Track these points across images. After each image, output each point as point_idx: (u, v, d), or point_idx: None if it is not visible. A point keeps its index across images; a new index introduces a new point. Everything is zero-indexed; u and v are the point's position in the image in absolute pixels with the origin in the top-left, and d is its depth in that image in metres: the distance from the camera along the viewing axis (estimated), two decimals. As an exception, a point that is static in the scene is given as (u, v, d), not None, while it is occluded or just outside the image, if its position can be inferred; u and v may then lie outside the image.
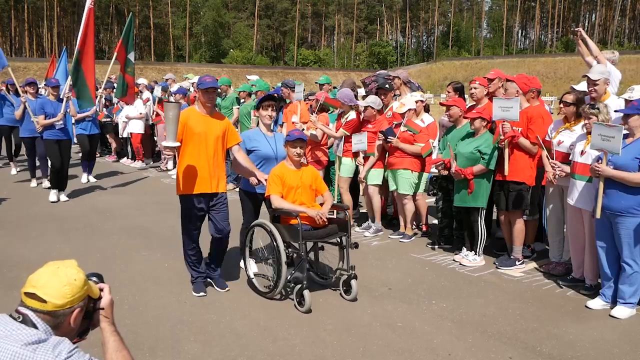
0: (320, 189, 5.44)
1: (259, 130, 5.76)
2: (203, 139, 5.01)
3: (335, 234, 5.22)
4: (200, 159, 5.01)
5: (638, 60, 54.97)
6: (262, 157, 5.61)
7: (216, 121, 5.14)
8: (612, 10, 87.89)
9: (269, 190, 5.18)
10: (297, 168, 5.33)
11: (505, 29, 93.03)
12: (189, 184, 5.02)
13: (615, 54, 6.75)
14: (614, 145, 4.58)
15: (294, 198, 5.23)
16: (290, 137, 5.25)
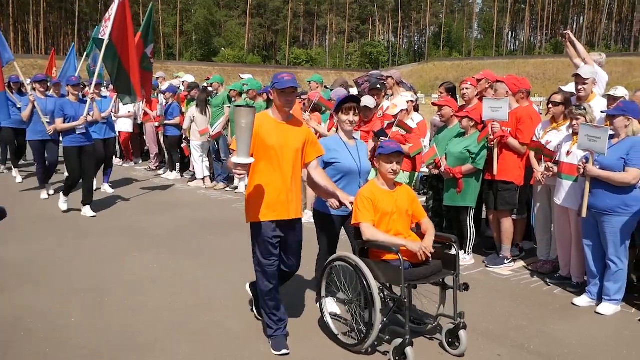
0: (418, 215, 4.33)
1: (338, 138, 4.66)
2: (279, 152, 3.97)
3: (440, 273, 4.14)
4: (274, 178, 3.99)
5: (624, 63, 55.47)
6: (343, 172, 4.55)
7: (295, 130, 4.08)
8: (600, 13, 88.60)
9: (358, 217, 4.11)
10: (392, 189, 4.24)
11: (496, 31, 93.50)
12: (263, 209, 4.01)
13: (603, 56, 6.87)
14: (600, 146, 4.68)
15: (388, 227, 4.15)
16: (385, 149, 4.13)
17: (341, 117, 4.57)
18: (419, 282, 4.08)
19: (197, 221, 8.11)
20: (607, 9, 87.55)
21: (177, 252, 6.58)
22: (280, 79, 3.97)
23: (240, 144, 3.61)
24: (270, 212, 4.01)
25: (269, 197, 4.00)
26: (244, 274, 5.80)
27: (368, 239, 4.05)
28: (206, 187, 10.83)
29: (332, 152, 4.54)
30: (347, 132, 4.61)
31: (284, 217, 4.06)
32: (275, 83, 3.99)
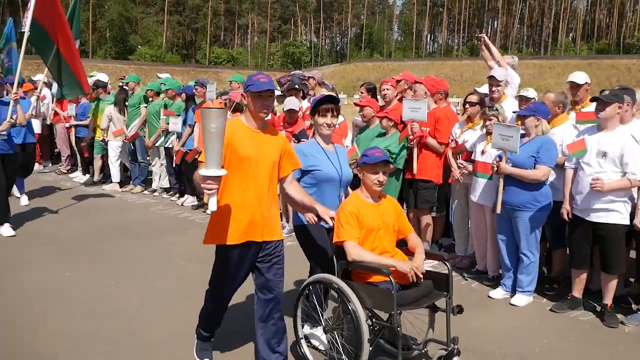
0: (405, 230, 3.92)
1: (315, 144, 4.12)
2: (254, 165, 3.44)
3: (432, 295, 3.72)
4: (248, 194, 3.44)
5: (535, 66, 58.59)
6: (323, 180, 4.04)
7: (271, 139, 3.56)
8: (513, 18, 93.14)
9: (341, 235, 3.64)
10: (377, 202, 3.83)
11: (415, 33, 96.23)
12: (233, 231, 3.44)
13: (515, 59, 7.18)
14: (512, 144, 4.88)
15: (374, 244, 3.73)
16: (370, 158, 3.70)
17: (318, 120, 4.04)
18: (411, 307, 3.58)
19: (111, 226, 7.80)
20: (519, 14, 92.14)
21: (90, 258, 6.30)
22: (256, 81, 3.44)
23: (210, 152, 2.97)
24: (240, 234, 3.45)
25: (241, 216, 3.44)
26: (160, 279, 5.66)
27: (354, 260, 3.59)
28: (122, 190, 10.46)
29: (310, 158, 4.01)
30: (325, 136, 4.07)
31: (257, 238, 3.50)
32: (249, 85, 3.46)
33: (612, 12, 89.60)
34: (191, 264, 6.18)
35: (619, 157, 4.60)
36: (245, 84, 3.53)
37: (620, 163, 4.61)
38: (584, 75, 5.75)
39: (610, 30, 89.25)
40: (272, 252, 3.60)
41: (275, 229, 3.61)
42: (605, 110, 4.69)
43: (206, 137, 2.97)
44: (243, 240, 3.46)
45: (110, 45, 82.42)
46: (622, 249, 4.85)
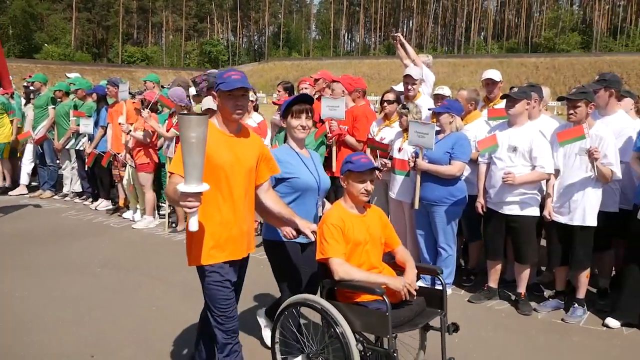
0: (392, 242, 3.61)
1: (288, 148, 3.73)
2: (230, 173, 3.07)
3: (425, 313, 3.42)
4: (224, 207, 3.09)
5: (449, 64, 60.74)
6: (300, 189, 3.64)
7: (247, 144, 3.20)
8: (427, 17, 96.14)
9: (326, 251, 3.28)
10: (362, 213, 3.48)
11: (333, 32, 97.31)
12: (211, 249, 3.10)
13: (430, 58, 7.36)
14: (428, 141, 4.99)
15: (361, 259, 3.39)
16: (356, 165, 3.35)
17: (291, 123, 3.63)
18: (406, 329, 3.26)
19: (20, 233, 7.34)
20: (433, 14, 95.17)
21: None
22: (226, 78, 3.05)
23: (190, 166, 2.61)
24: (218, 252, 3.11)
25: (219, 232, 3.09)
26: (74, 286, 5.40)
27: (341, 278, 3.23)
28: (30, 195, 9.87)
29: (286, 165, 3.60)
30: (299, 140, 3.70)
31: (238, 256, 3.18)
32: (220, 84, 3.07)
33: (521, 13, 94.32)
34: (107, 270, 5.95)
35: (529, 151, 4.80)
36: (215, 83, 3.17)
37: (530, 157, 4.81)
38: (499, 73, 5.98)
39: (519, 29, 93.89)
40: (242, 270, 3.35)
41: (251, 243, 3.31)
42: (515, 106, 4.89)
43: (185, 149, 2.59)
44: (224, 259, 3.13)
45: (14, 43, 77.79)
46: (533, 239, 5.07)
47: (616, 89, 5.09)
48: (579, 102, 4.64)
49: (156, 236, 7.45)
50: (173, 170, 2.96)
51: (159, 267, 6.09)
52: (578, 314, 4.87)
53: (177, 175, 2.91)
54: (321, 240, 3.33)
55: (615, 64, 54.50)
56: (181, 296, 5.22)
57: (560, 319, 4.86)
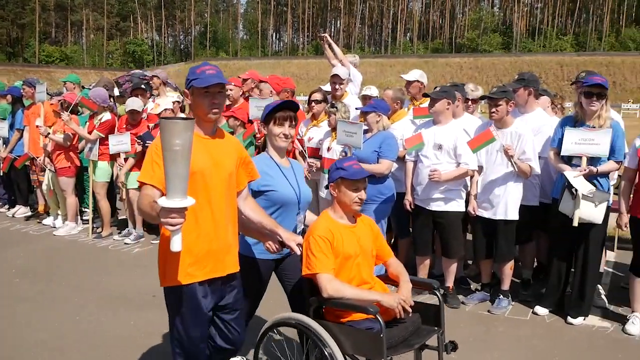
0: (384, 254, 3.39)
1: (267, 158, 3.41)
2: (208, 180, 2.75)
3: (421, 332, 3.18)
4: (202, 218, 2.75)
5: (377, 64, 61.83)
6: (278, 203, 3.34)
7: (225, 146, 2.90)
8: (354, 18, 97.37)
9: (314, 266, 3.03)
10: (352, 223, 3.25)
11: (261, 32, 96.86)
12: (188, 266, 2.74)
13: (357, 58, 7.47)
14: (356, 140, 5.03)
15: (351, 274, 3.14)
16: (349, 172, 3.13)
17: (273, 130, 3.33)
18: (401, 351, 2.98)
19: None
20: (360, 14, 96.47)
21: None
22: (200, 74, 2.75)
23: (173, 177, 2.28)
24: (198, 269, 2.76)
25: (197, 247, 2.73)
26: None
27: (330, 296, 2.98)
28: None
29: (263, 177, 3.27)
30: (281, 149, 3.40)
31: (220, 272, 2.84)
32: (193, 80, 2.76)
33: (445, 14, 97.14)
34: (26, 280, 5.67)
35: (453, 149, 4.93)
36: (187, 79, 2.81)
37: (455, 154, 4.94)
38: (416, 72, 6.11)
39: (443, 30, 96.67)
40: (231, 289, 2.94)
41: (234, 259, 2.95)
42: (435, 105, 5.02)
43: (168, 157, 2.26)
44: (204, 277, 2.78)
45: None
46: (459, 234, 5.20)
47: (534, 87, 5.31)
48: (500, 100, 4.81)
49: (79, 243, 7.16)
50: (145, 180, 2.60)
51: (83, 276, 5.85)
52: (503, 304, 5.04)
53: (149, 186, 2.58)
54: (308, 254, 3.06)
55: (534, 64, 57.15)
56: (107, 305, 5.04)
57: (486, 311, 5.02)
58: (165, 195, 2.32)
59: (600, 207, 4.50)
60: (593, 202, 4.47)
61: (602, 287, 5.38)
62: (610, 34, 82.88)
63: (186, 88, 2.84)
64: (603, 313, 5.01)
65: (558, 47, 78.50)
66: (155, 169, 2.60)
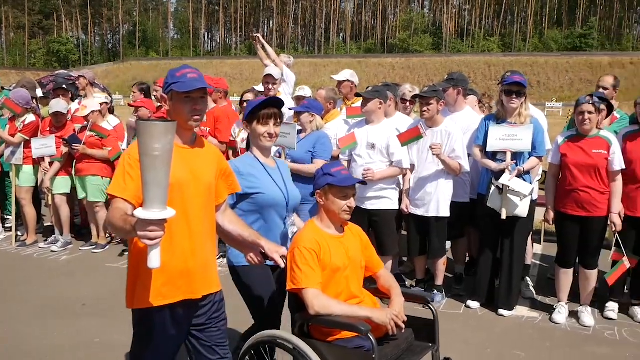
0: (373, 266, 3.23)
1: (252, 158, 3.24)
2: (186, 193, 2.52)
3: (414, 349, 3.04)
4: (177, 234, 2.49)
5: (310, 64, 62.04)
6: (266, 206, 3.16)
7: (204, 156, 2.67)
8: (287, 18, 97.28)
9: (299, 281, 2.85)
10: (340, 233, 3.08)
11: (192, 31, 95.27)
12: (160, 287, 2.48)
13: (291, 59, 7.47)
14: (290, 141, 5.00)
15: (339, 288, 2.97)
16: (338, 178, 2.95)
17: (257, 129, 3.16)
18: None
19: None
20: (293, 14, 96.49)
21: None
22: (181, 77, 2.52)
23: (152, 185, 2.06)
24: (171, 290, 2.50)
25: (172, 265, 2.46)
26: None
27: (317, 313, 2.78)
28: None
29: (249, 179, 3.12)
30: (266, 149, 3.24)
31: (196, 294, 2.57)
32: (172, 84, 2.53)
33: (377, 15, 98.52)
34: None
35: (386, 148, 5.00)
36: (165, 82, 2.58)
37: (387, 153, 5.01)
38: (346, 72, 6.18)
39: (375, 31, 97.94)
40: (211, 308, 2.67)
41: (215, 278, 2.69)
42: (368, 105, 5.08)
43: (147, 163, 2.05)
44: (177, 298, 2.52)
45: None
46: (394, 232, 5.28)
47: (463, 87, 5.46)
48: (431, 99, 4.92)
49: (2, 252, 6.80)
50: (116, 192, 2.37)
51: (7, 285, 5.57)
52: (438, 299, 5.16)
53: (120, 199, 2.35)
54: (293, 267, 2.87)
55: (463, 64, 58.85)
56: (35, 315, 4.81)
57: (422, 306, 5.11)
58: (142, 206, 2.07)
59: (525, 201, 4.69)
60: (519, 197, 4.65)
61: (530, 279, 5.61)
62: (534, 36, 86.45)
63: (164, 92, 2.60)
64: (532, 304, 5.21)
65: (485, 47, 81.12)
66: (127, 181, 2.38)
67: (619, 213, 4.63)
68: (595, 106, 4.56)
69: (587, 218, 4.64)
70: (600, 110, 4.63)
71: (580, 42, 75.34)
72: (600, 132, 4.66)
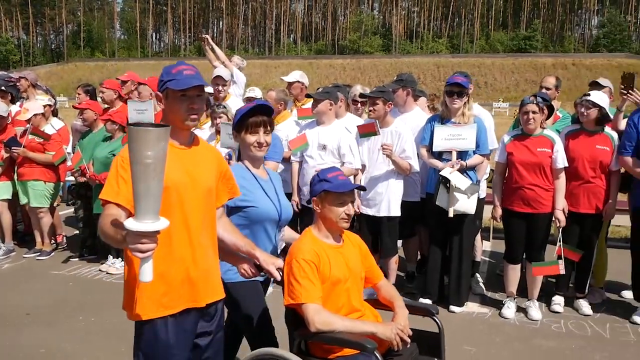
0: (374, 276, 3.06)
1: (244, 169, 3.03)
2: (184, 198, 2.38)
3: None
4: (177, 242, 2.37)
5: (262, 65, 61.80)
6: (257, 220, 2.98)
7: (203, 158, 2.53)
8: (237, 19, 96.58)
9: (298, 296, 2.68)
10: (338, 242, 2.91)
11: (140, 31, 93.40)
12: (160, 297, 2.35)
13: (244, 61, 7.45)
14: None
15: (340, 302, 2.81)
16: (333, 184, 2.79)
17: (246, 139, 2.95)
18: None
19: None
20: (243, 15, 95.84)
21: None
22: (177, 74, 2.37)
23: (144, 194, 1.90)
24: (173, 299, 2.37)
25: (172, 273, 2.35)
26: None
27: (319, 330, 2.61)
28: None
29: (241, 191, 2.86)
30: (257, 160, 3.04)
31: (199, 302, 2.44)
32: (168, 81, 2.37)
33: (327, 16, 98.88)
34: None
35: (337, 148, 5.02)
36: (160, 80, 2.43)
37: (339, 154, 5.03)
38: (296, 73, 6.18)
39: (326, 32, 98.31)
40: (215, 316, 2.55)
41: (218, 285, 2.56)
42: (318, 106, 5.09)
43: (138, 172, 1.89)
44: (179, 308, 2.39)
45: None
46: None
47: (412, 88, 5.53)
48: (377, 99, 4.96)
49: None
50: (108, 197, 2.24)
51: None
52: (390, 299, 5.19)
53: (113, 205, 2.22)
54: (291, 281, 2.69)
55: (413, 65, 59.76)
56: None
57: (374, 306, 5.15)
58: (134, 216, 1.92)
59: (472, 198, 4.78)
60: (466, 194, 4.74)
61: (480, 275, 5.72)
62: (481, 37, 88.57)
63: (159, 90, 2.44)
64: (482, 300, 5.32)
65: (434, 49, 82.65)
66: (120, 185, 2.25)
67: (562, 209, 4.78)
68: (539, 106, 4.69)
69: (532, 215, 4.77)
70: (543, 110, 4.76)
71: (524, 43, 77.76)
72: (544, 132, 4.80)
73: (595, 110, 4.80)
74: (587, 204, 4.87)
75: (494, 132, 5.43)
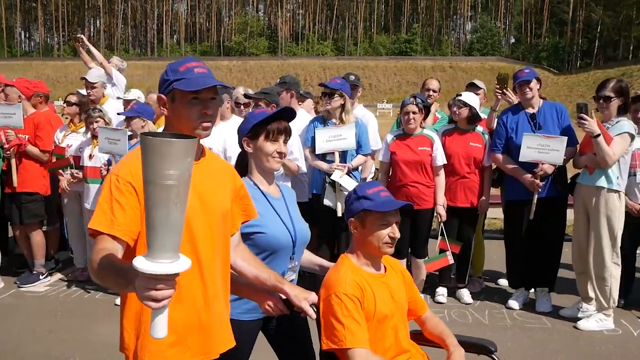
0: (418, 307, 2.60)
1: (252, 185, 2.51)
2: (194, 225, 1.91)
3: None
4: (187, 279, 1.88)
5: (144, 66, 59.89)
6: (269, 249, 2.46)
7: (215, 173, 2.08)
8: (116, 18, 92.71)
9: (342, 339, 2.22)
10: (381, 270, 2.47)
11: (7, 29, 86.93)
12: (174, 347, 1.91)
13: (124, 63, 7.20)
14: (120, 148, 4.80)
15: (386, 342, 2.38)
16: (376, 202, 2.36)
17: (264, 147, 2.47)
18: None
19: None
20: (122, 14, 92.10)
21: None
22: (186, 72, 1.93)
23: (162, 226, 1.45)
24: (180, 351, 1.92)
25: (180, 318, 1.90)
26: None
27: None
28: None
29: None
30: (270, 174, 2.57)
31: (212, 353, 2.00)
32: (175, 81, 1.93)
33: (211, 17, 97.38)
34: None
35: (223, 151, 4.94)
36: (164, 80, 1.98)
37: (225, 157, 4.93)
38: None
39: (210, 33, 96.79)
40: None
41: (228, 334, 2.09)
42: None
43: (155, 195, 1.44)
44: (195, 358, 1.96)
45: None
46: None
47: (296, 90, 5.56)
48: (260, 101, 4.99)
49: None
50: (101, 227, 1.78)
51: None
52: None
53: (106, 237, 1.77)
54: (331, 321, 2.25)
55: (299, 67, 60.52)
56: None
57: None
58: (146, 254, 1.47)
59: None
60: (351, 194, 4.85)
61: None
62: (365, 40, 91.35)
63: (163, 92, 1.99)
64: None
65: (320, 51, 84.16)
66: (116, 212, 1.79)
67: (443, 204, 5.03)
68: (418, 107, 4.90)
69: (416, 211, 4.97)
70: (422, 111, 4.98)
71: (405, 47, 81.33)
72: (423, 131, 5.02)
73: (466, 110, 5.08)
74: (464, 199, 5.15)
75: (377, 132, 5.60)
